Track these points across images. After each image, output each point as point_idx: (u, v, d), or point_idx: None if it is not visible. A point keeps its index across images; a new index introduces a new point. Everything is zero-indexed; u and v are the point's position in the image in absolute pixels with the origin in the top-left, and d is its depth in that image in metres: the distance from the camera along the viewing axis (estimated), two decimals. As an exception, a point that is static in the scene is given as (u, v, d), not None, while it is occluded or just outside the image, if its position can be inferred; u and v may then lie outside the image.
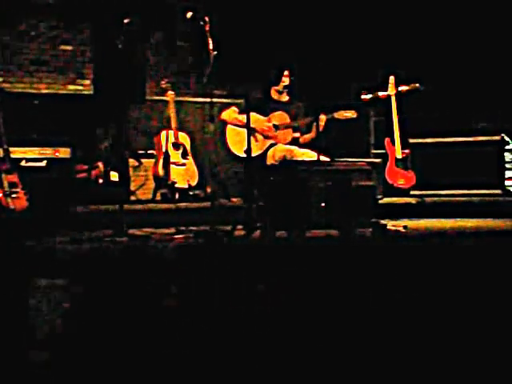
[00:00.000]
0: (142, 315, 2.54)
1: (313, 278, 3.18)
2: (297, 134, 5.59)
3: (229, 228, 4.65)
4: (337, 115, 5.43)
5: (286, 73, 5.63)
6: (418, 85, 6.36)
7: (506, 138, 6.47)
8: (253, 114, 5.30)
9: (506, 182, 6.41)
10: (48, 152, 5.92)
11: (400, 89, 6.38)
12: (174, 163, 6.44)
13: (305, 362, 1.94)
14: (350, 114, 5.42)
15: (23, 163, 5.76)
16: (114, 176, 6.22)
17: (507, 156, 6.46)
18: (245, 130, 4.86)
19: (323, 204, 4.44)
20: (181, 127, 6.67)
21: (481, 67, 7.00)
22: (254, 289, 2.96)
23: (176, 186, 6.38)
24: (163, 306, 2.70)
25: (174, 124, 6.53)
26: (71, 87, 7.55)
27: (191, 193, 6.46)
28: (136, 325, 2.39)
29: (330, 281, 3.11)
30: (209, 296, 2.86)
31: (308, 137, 5.58)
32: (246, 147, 4.79)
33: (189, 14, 5.22)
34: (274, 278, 3.19)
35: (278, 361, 1.95)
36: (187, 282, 3.18)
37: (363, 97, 6.32)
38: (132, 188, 6.44)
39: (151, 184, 6.52)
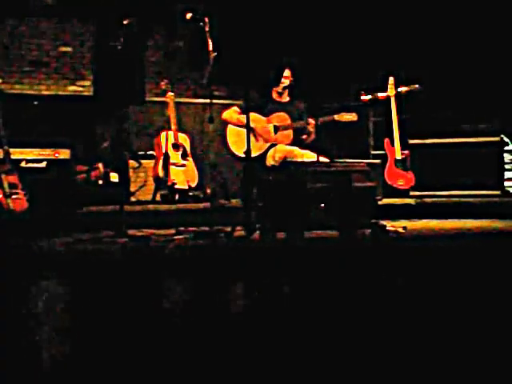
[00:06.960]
0: (142, 315, 2.54)
1: (312, 279, 3.18)
2: (304, 136, 5.58)
3: (228, 229, 4.64)
4: (337, 117, 5.42)
5: (285, 74, 5.64)
6: (417, 86, 6.38)
7: (506, 139, 6.48)
8: (253, 115, 5.31)
9: (506, 183, 6.42)
10: (48, 153, 5.92)
11: (399, 90, 6.39)
12: (174, 164, 6.44)
13: (304, 363, 1.94)
14: (351, 117, 5.42)
15: (23, 164, 5.76)
16: (114, 177, 6.22)
17: (506, 157, 6.47)
18: (245, 130, 4.86)
19: (323, 205, 4.44)
20: (180, 128, 6.68)
21: (480, 68, 7.01)
22: (254, 290, 2.97)
23: (176, 186, 6.38)
24: (163, 306, 2.71)
25: (173, 125, 6.54)
26: (71, 88, 7.56)
27: (191, 194, 6.46)
28: (135, 325, 2.39)
29: (329, 281, 3.12)
30: (208, 296, 2.86)
31: (305, 137, 5.58)
32: (245, 148, 4.79)
33: (188, 15, 5.23)
34: (274, 278, 3.19)
35: (278, 361, 1.96)
36: (186, 282, 3.18)
37: (363, 98, 6.32)
38: (132, 189, 6.44)
39: (151, 185, 6.53)
